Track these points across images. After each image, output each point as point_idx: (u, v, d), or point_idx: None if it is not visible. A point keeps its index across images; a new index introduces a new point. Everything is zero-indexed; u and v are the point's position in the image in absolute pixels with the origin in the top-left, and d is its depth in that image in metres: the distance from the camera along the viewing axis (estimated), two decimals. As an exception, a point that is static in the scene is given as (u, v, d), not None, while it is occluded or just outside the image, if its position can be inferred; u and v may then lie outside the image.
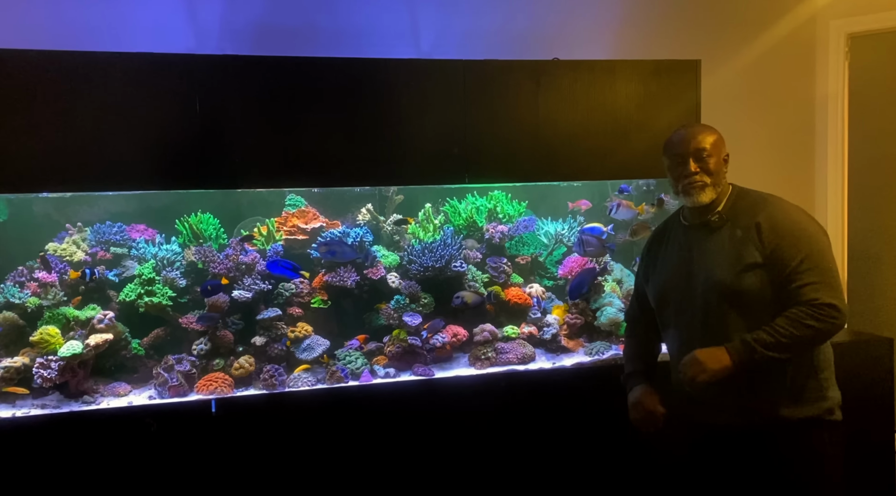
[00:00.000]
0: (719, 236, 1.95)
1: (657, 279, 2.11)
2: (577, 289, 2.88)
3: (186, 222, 2.82)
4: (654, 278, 2.14)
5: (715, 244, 1.95)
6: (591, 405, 2.70)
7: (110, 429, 2.33)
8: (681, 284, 2.01)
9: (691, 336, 1.97)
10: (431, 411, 2.57)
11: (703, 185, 1.95)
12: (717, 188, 1.97)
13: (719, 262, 1.91)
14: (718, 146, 1.98)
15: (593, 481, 2.71)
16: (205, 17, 2.94)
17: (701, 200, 1.97)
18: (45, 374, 2.38)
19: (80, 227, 2.78)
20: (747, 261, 1.86)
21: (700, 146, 1.96)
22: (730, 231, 1.93)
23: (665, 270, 2.09)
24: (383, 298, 2.88)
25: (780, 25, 3.48)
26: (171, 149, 2.37)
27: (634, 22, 3.34)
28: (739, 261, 1.88)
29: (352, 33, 3.09)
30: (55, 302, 2.57)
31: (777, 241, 1.85)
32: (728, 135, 3.25)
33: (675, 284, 2.03)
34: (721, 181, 1.98)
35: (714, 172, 1.96)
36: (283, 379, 2.57)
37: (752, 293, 1.85)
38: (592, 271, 2.93)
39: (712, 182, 1.96)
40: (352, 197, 3.06)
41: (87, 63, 2.28)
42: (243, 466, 2.41)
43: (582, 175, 2.78)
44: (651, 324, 2.20)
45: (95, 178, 2.35)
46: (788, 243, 1.84)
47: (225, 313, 2.69)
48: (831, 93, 3.46)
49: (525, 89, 2.60)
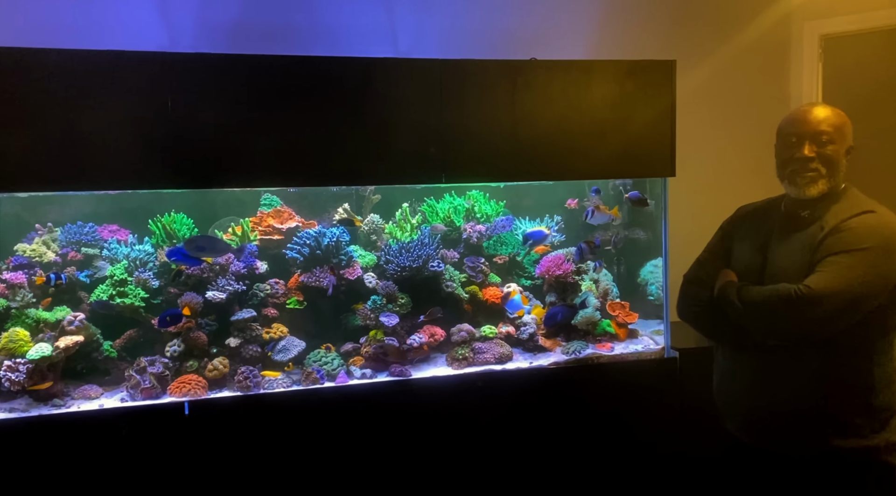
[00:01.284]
0: (803, 235, 1.76)
1: (734, 262, 1.92)
2: (552, 319, 2.89)
3: (159, 222, 2.78)
4: (734, 256, 1.94)
5: (795, 243, 1.77)
6: (568, 404, 2.71)
7: (81, 433, 2.29)
8: (752, 277, 1.83)
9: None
10: (408, 412, 2.57)
11: (816, 175, 1.73)
12: (831, 182, 1.73)
13: (791, 265, 1.74)
14: (843, 133, 1.73)
15: (570, 480, 2.72)
16: (179, 16, 2.90)
17: (808, 193, 1.75)
18: (12, 378, 2.34)
19: (50, 227, 2.73)
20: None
21: (820, 129, 1.72)
22: (814, 232, 1.73)
23: (743, 257, 1.91)
24: (360, 299, 2.87)
25: (755, 26, 3.51)
26: (144, 148, 2.32)
27: (611, 22, 3.35)
28: (810, 269, 1.69)
29: (329, 32, 3.06)
30: (24, 303, 2.52)
31: (828, 238, 1.68)
32: (703, 135, 3.33)
33: (748, 275, 1.84)
34: (837, 175, 1.74)
35: (831, 162, 1.72)
36: (257, 381, 2.55)
37: None
38: (572, 310, 2.94)
39: (827, 173, 1.73)
40: (328, 196, 3.04)
41: (57, 61, 2.23)
42: (217, 469, 2.39)
43: (558, 175, 2.78)
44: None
45: (65, 178, 2.29)
46: (831, 241, 1.68)
47: (198, 314, 2.65)
48: (805, 94, 3.49)
49: (502, 89, 2.59)
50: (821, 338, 1.71)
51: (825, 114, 1.77)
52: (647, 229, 3.19)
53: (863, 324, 1.69)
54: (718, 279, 1.90)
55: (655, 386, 2.76)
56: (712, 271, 1.94)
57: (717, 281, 1.91)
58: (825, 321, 1.66)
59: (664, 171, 2.77)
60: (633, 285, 3.26)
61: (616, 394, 2.74)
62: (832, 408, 1.73)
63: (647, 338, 3.02)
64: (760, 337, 1.79)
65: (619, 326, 3.02)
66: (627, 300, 3.12)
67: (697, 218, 2.36)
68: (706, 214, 2.18)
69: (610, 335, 2.98)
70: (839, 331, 1.69)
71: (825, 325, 1.67)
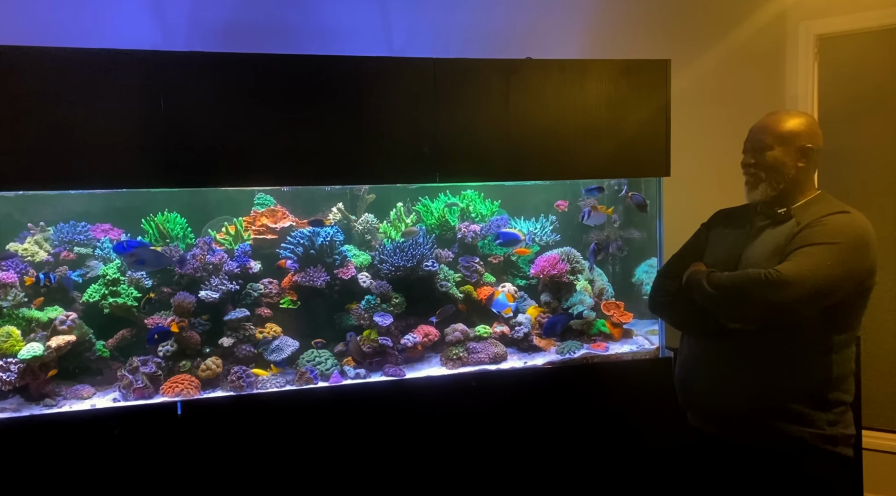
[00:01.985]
0: (776, 232, 1.86)
1: (709, 257, 2.01)
2: (552, 329, 2.90)
3: (153, 221, 2.77)
4: (708, 253, 2.03)
5: (768, 239, 1.87)
6: (562, 404, 2.70)
7: (73, 433, 2.28)
8: (725, 270, 1.89)
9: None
10: (402, 412, 2.56)
11: (756, 179, 1.88)
12: (776, 186, 1.86)
13: (764, 259, 1.83)
14: (788, 138, 1.84)
15: (564, 479, 2.71)
16: (172, 14, 2.89)
17: (751, 196, 1.90)
18: (3, 377, 2.33)
19: (42, 226, 2.72)
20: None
21: (757, 137, 1.88)
22: (788, 228, 1.84)
23: (717, 252, 2.00)
24: (354, 298, 2.86)
25: (750, 26, 3.50)
26: (136, 147, 2.31)
27: (606, 22, 3.35)
28: (780, 256, 1.79)
29: (323, 31, 3.05)
30: (15, 303, 2.51)
31: (802, 232, 1.78)
32: (698, 134, 3.32)
33: (721, 268, 1.91)
34: (783, 178, 1.86)
35: (771, 168, 1.86)
36: (250, 380, 2.54)
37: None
38: (569, 316, 2.95)
39: (767, 178, 1.86)
40: (322, 196, 3.03)
41: (49, 59, 2.21)
42: (210, 469, 2.38)
43: (553, 174, 2.77)
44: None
45: (58, 177, 2.28)
46: (805, 233, 1.77)
47: (191, 314, 2.64)
48: (801, 94, 3.49)
49: (496, 88, 2.59)
50: (784, 322, 1.78)
51: (772, 123, 1.88)
52: (641, 229, 3.19)
53: (826, 317, 1.77)
54: (688, 270, 1.98)
55: (650, 386, 2.75)
56: (685, 266, 2.01)
57: (686, 272, 1.98)
58: (791, 305, 1.73)
59: (659, 170, 2.77)
60: (628, 285, 3.25)
61: (610, 394, 2.74)
62: (789, 399, 1.81)
63: (641, 338, 3.02)
64: (726, 319, 1.86)
65: (613, 326, 3.01)
66: (622, 300, 3.12)
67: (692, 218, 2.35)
68: (701, 214, 2.18)
69: (605, 335, 2.98)
70: (801, 322, 1.77)
71: (791, 309, 1.74)
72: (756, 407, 1.85)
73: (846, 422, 1.83)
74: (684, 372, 2.05)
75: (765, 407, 1.83)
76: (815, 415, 1.80)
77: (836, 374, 1.81)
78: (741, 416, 1.88)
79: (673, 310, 2.06)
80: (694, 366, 2.00)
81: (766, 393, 1.83)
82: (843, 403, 1.83)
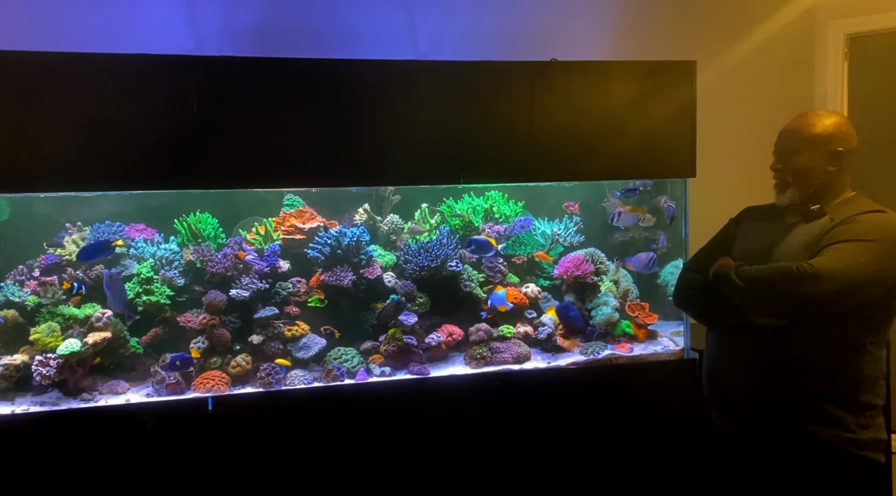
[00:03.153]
0: (810, 228, 1.84)
1: (738, 251, 2.00)
2: (565, 312, 2.93)
3: (185, 222, 2.84)
4: (736, 248, 2.02)
5: (801, 235, 1.85)
6: (586, 405, 2.71)
7: (108, 427, 2.36)
8: (758, 263, 1.88)
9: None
10: (426, 410, 2.59)
11: (784, 184, 1.88)
12: (804, 190, 1.85)
13: (795, 255, 1.80)
14: (816, 143, 1.82)
15: (588, 480, 2.72)
16: (204, 19, 2.97)
17: (780, 200, 1.91)
18: (44, 372, 2.41)
19: (79, 226, 2.81)
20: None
21: (784, 141, 1.88)
22: (822, 224, 1.82)
23: (747, 246, 1.98)
24: (380, 298, 2.90)
25: (777, 25, 3.47)
26: (170, 149, 2.38)
27: (630, 22, 3.35)
28: (812, 251, 1.77)
29: (350, 35, 3.10)
30: (54, 300, 2.60)
31: (836, 228, 1.76)
32: (724, 135, 3.30)
33: (751, 262, 1.89)
34: (813, 182, 1.84)
35: (798, 173, 1.85)
36: (279, 377, 2.59)
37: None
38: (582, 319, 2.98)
39: (795, 182, 1.86)
40: (349, 197, 3.08)
41: (85, 64, 2.29)
42: (240, 464, 2.44)
43: (577, 175, 2.78)
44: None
45: (95, 179, 2.36)
46: (840, 230, 1.75)
47: (222, 311, 2.71)
48: (830, 94, 3.45)
49: (520, 90, 2.61)
50: (814, 319, 1.76)
51: (799, 128, 1.86)
52: (666, 231, 3.18)
53: (856, 316, 1.75)
54: (715, 264, 1.97)
55: (675, 387, 2.75)
56: (712, 260, 2.00)
57: (713, 266, 1.97)
58: (822, 301, 1.71)
59: (684, 171, 2.76)
60: (653, 286, 3.25)
61: (635, 395, 2.74)
62: (819, 400, 1.78)
63: (666, 340, 3.01)
64: (754, 313, 1.84)
65: (638, 327, 3.01)
66: (647, 301, 3.11)
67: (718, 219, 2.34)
68: (726, 215, 2.18)
69: (629, 336, 2.98)
70: (832, 321, 1.75)
71: (822, 305, 1.73)
72: (784, 407, 1.83)
73: (877, 426, 1.80)
74: (711, 370, 2.03)
75: (793, 407, 1.81)
76: (846, 418, 1.77)
77: (867, 376, 1.78)
78: (768, 416, 1.86)
79: (697, 303, 2.05)
80: (721, 365, 1.98)
81: (794, 393, 1.81)
82: (873, 406, 1.80)
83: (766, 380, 1.86)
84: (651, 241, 3.18)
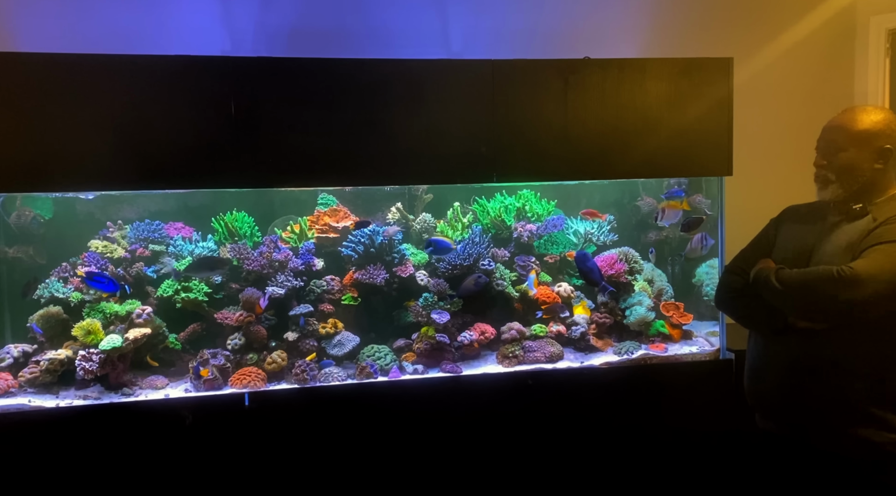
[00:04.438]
0: (851, 228, 1.80)
1: (779, 253, 1.96)
2: (591, 275, 2.82)
3: (222, 220, 2.89)
4: (777, 249, 1.99)
5: (842, 235, 1.81)
6: (619, 404, 2.70)
7: (148, 421, 2.42)
8: (797, 266, 1.85)
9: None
10: (459, 408, 2.60)
11: (826, 181, 1.84)
12: (848, 186, 1.81)
13: (837, 256, 1.77)
14: (862, 139, 1.78)
15: (622, 482, 2.70)
16: (240, 21, 3.01)
17: (821, 196, 1.87)
18: (86, 367, 2.47)
19: (120, 224, 2.88)
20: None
21: (830, 137, 1.83)
22: (864, 224, 1.78)
23: (788, 247, 1.95)
24: (412, 296, 2.92)
25: (817, 21, 3.41)
26: (208, 149, 2.42)
27: (666, 19, 3.31)
28: (854, 253, 1.74)
29: (383, 35, 3.12)
30: (96, 297, 2.67)
31: (878, 229, 1.73)
32: (762, 133, 3.25)
33: (793, 264, 1.87)
34: (857, 179, 1.80)
35: (843, 170, 1.81)
36: (314, 374, 2.62)
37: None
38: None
39: (838, 179, 1.82)
40: (382, 196, 3.10)
41: (126, 65, 2.35)
42: (275, 458, 2.47)
43: (611, 174, 2.76)
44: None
45: (135, 178, 2.42)
46: (881, 230, 1.72)
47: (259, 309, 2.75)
48: (871, 90, 3.37)
49: (553, 88, 2.60)
50: (855, 321, 1.73)
51: (844, 123, 1.82)
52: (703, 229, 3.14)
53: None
54: (755, 266, 1.94)
55: (710, 387, 2.72)
56: (753, 262, 1.97)
57: (754, 268, 1.94)
58: (864, 304, 1.68)
59: (721, 169, 2.73)
60: (688, 286, 3.21)
61: (669, 396, 2.71)
62: (864, 402, 1.75)
63: (701, 340, 2.97)
64: (795, 317, 1.82)
65: (672, 327, 2.98)
66: (682, 301, 3.08)
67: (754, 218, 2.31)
68: (763, 214, 2.14)
69: (664, 336, 2.95)
70: (875, 321, 1.72)
71: (864, 308, 1.69)
72: (829, 410, 1.79)
73: None
74: (754, 372, 2.00)
75: (837, 410, 1.78)
76: (891, 419, 1.74)
77: None
78: (813, 419, 1.83)
79: (739, 306, 2.02)
80: (764, 367, 1.95)
81: (838, 396, 1.78)
82: None
83: (809, 383, 1.83)
84: (685, 240, 3.14)
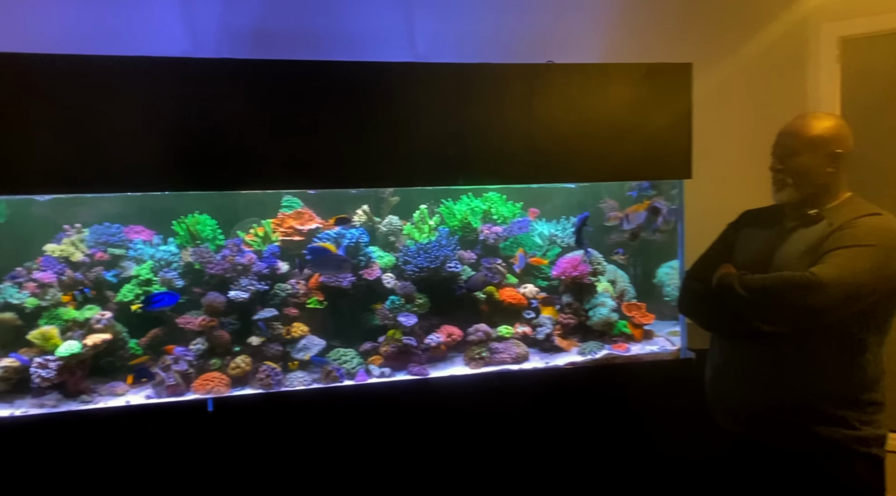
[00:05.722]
0: (809, 233, 1.84)
1: (738, 258, 1.99)
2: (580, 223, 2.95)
3: (183, 223, 2.85)
4: (737, 254, 2.02)
5: (800, 241, 1.85)
6: (584, 404, 2.73)
7: (108, 429, 2.36)
8: (756, 271, 1.87)
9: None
10: (426, 410, 2.60)
11: (782, 184, 1.89)
12: (804, 190, 1.86)
13: (796, 261, 1.81)
14: (816, 144, 1.83)
15: (587, 480, 2.74)
16: (202, 22, 2.97)
17: (777, 198, 1.92)
18: (43, 374, 2.41)
19: (78, 228, 2.81)
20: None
21: (785, 142, 1.88)
22: (821, 229, 1.82)
23: (747, 252, 1.99)
24: (379, 299, 2.91)
25: (772, 29, 3.51)
26: (169, 151, 2.38)
27: (627, 25, 3.37)
28: (813, 257, 1.77)
29: (349, 37, 3.11)
30: (53, 302, 2.60)
31: (835, 233, 1.76)
32: (720, 137, 3.32)
33: (752, 269, 1.89)
34: (812, 183, 1.85)
35: (798, 174, 1.85)
36: (279, 378, 2.60)
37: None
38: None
39: (794, 183, 1.86)
40: (348, 198, 3.09)
41: (83, 66, 2.29)
42: (240, 465, 2.44)
43: (575, 177, 2.81)
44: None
45: (93, 181, 2.36)
46: (839, 235, 1.76)
47: (221, 313, 2.71)
48: (823, 96, 3.48)
49: (518, 92, 2.62)
50: (819, 325, 1.77)
51: (797, 126, 1.87)
52: (663, 231, 3.20)
53: (858, 319, 1.77)
54: (717, 272, 1.97)
55: (672, 386, 2.77)
56: (714, 267, 2.00)
57: (715, 273, 1.97)
58: (826, 308, 1.72)
59: (681, 172, 2.79)
60: (649, 286, 3.27)
61: (632, 395, 2.76)
62: (825, 401, 1.80)
63: (663, 340, 3.04)
64: (759, 322, 1.85)
65: (635, 327, 3.04)
66: (644, 301, 3.14)
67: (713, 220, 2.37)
68: (722, 216, 2.20)
69: (626, 336, 3.00)
70: (834, 324, 1.76)
71: (826, 312, 1.73)
72: (790, 409, 1.83)
73: (879, 423, 1.82)
74: (715, 373, 2.03)
75: (799, 409, 1.82)
76: (850, 416, 1.78)
77: (870, 375, 1.80)
78: (774, 418, 1.87)
79: (703, 312, 2.04)
80: (726, 368, 1.98)
81: (801, 395, 1.82)
82: (877, 403, 1.81)
83: (773, 384, 1.86)
84: (649, 241, 3.21)
